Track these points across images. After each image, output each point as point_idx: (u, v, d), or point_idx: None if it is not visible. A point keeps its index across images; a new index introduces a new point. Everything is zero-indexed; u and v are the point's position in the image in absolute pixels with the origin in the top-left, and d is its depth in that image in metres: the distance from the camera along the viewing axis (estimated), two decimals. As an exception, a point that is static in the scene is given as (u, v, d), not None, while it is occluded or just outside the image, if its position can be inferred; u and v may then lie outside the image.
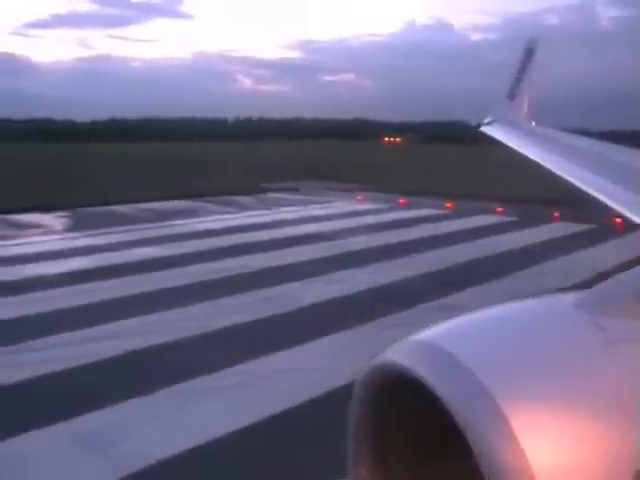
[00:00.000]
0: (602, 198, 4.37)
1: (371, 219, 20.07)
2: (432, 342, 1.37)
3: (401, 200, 23.73)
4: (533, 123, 8.84)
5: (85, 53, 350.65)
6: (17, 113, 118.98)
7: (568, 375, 1.29)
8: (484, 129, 8.95)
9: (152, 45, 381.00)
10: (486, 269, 13.01)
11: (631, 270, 1.61)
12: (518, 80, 9.46)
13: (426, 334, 1.41)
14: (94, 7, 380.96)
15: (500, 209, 20.81)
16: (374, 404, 1.42)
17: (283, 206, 23.26)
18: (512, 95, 9.33)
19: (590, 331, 1.38)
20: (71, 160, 43.47)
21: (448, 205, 21.92)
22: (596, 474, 1.20)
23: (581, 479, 1.20)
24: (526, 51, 9.69)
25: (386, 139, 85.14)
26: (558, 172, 5.56)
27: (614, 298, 1.49)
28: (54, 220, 19.72)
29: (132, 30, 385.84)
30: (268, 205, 23.61)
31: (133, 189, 25.84)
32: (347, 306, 10.45)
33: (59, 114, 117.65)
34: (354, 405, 1.43)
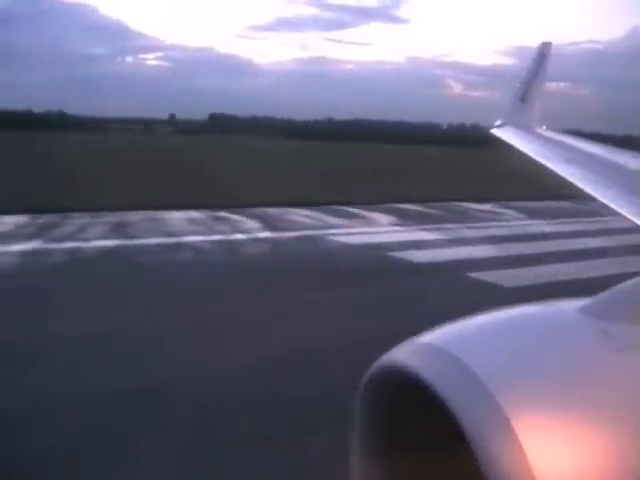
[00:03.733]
0: (608, 203, 4.29)
1: None
2: (437, 344, 1.38)
3: None
4: (544, 127, 8.91)
5: (303, 55, 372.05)
6: (241, 110, 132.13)
7: (574, 381, 1.28)
8: (495, 132, 8.97)
9: (366, 48, 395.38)
10: None
11: (638, 277, 1.59)
12: (530, 83, 9.47)
13: (432, 336, 1.42)
14: (314, 11, 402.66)
15: None
16: (377, 404, 1.43)
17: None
18: (524, 98, 9.33)
19: (597, 337, 1.36)
20: (370, 159, 47.74)
21: None
22: None
23: None
24: (539, 55, 9.66)
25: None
26: (567, 176, 5.44)
27: (621, 305, 1.47)
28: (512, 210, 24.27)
29: (348, 33, 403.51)
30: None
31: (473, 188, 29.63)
32: None
33: (279, 113, 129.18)
34: (357, 404, 1.45)
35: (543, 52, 9.67)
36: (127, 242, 15.40)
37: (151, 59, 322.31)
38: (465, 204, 24.95)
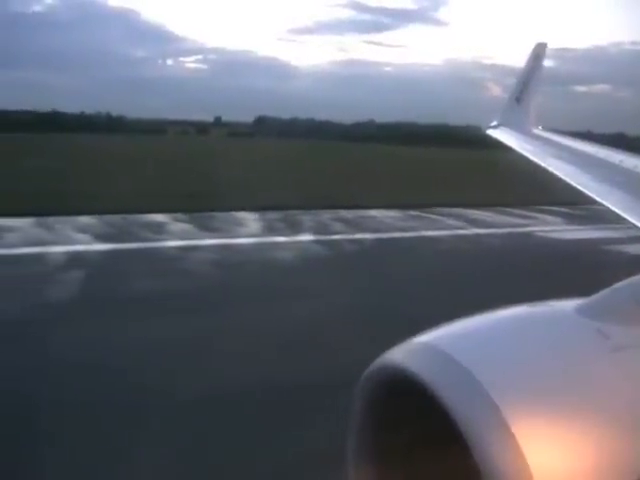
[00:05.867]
0: (604, 202, 4.36)
1: None
2: (435, 345, 1.41)
3: None
4: (540, 127, 9.04)
5: (341, 57, 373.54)
6: (281, 112, 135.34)
7: (571, 381, 1.32)
8: (490, 132, 9.16)
9: (405, 51, 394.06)
10: None
11: (634, 277, 1.63)
12: (525, 84, 9.57)
13: (429, 336, 1.46)
14: (353, 14, 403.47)
15: None
16: (375, 405, 1.47)
17: None
18: (519, 99, 9.45)
19: (593, 337, 1.40)
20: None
21: None
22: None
23: None
24: (534, 55, 9.77)
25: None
26: (562, 176, 5.54)
27: (617, 305, 1.51)
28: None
29: (386, 36, 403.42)
30: None
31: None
32: None
33: (319, 115, 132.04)
34: (355, 406, 1.49)
35: (538, 53, 9.81)
36: (380, 235, 18.55)
37: (191, 62, 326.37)
38: (589, 206, 27.92)
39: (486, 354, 1.38)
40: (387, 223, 20.86)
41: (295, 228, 19.09)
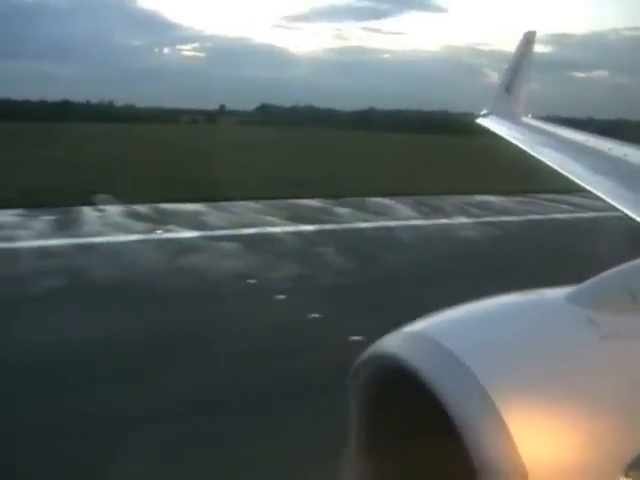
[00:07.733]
0: (592, 190, 4.48)
1: None
2: (425, 333, 1.43)
3: None
4: (529, 115, 9.05)
5: (339, 45, 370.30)
6: (281, 100, 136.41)
7: (560, 368, 1.34)
8: (480, 121, 9.18)
9: (403, 37, 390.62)
10: None
11: (623, 265, 1.63)
12: (515, 72, 9.61)
13: (420, 325, 1.48)
14: (350, 0, 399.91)
15: None
16: (366, 395, 1.49)
17: None
18: (509, 87, 9.47)
19: (583, 325, 1.41)
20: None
21: None
22: (588, 469, 1.24)
23: (574, 474, 1.24)
24: (523, 44, 9.79)
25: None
26: (550, 164, 5.62)
27: (606, 293, 1.52)
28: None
29: (385, 23, 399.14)
30: None
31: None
32: None
33: (318, 102, 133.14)
34: (348, 394, 1.50)
35: (527, 41, 9.80)
36: (521, 217, 21.01)
37: (188, 50, 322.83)
38: None
39: (477, 342, 1.41)
40: (510, 207, 23.37)
41: (442, 212, 21.58)
